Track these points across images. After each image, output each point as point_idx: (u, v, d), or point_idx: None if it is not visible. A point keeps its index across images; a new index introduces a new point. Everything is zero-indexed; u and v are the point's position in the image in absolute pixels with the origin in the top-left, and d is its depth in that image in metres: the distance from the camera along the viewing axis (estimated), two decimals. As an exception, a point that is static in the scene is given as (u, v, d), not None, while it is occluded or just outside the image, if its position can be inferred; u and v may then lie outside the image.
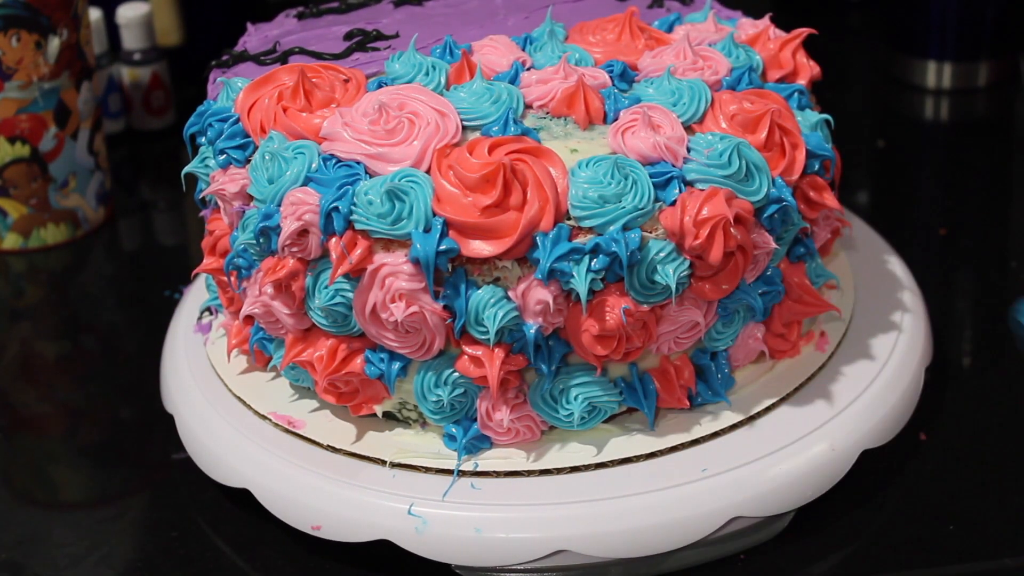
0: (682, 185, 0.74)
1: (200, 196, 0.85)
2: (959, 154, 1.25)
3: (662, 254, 0.74)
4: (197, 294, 0.95)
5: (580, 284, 0.72)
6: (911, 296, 0.91)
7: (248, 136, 0.81)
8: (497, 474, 0.77)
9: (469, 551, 0.75)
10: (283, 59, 0.87)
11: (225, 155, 0.81)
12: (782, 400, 0.81)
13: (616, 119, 0.78)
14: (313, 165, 0.76)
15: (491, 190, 0.72)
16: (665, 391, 0.78)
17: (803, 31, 0.87)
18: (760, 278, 0.79)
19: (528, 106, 0.80)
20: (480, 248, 0.73)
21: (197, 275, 0.93)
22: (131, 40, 1.27)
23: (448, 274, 0.74)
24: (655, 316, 0.76)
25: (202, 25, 1.36)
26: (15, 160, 1.10)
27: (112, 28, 1.27)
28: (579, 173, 0.74)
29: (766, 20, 0.89)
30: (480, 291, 0.74)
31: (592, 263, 0.73)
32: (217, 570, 0.80)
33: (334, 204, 0.74)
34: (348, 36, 0.89)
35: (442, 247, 0.72)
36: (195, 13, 1.36)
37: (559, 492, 0.76)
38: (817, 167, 0.80)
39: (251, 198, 0.79)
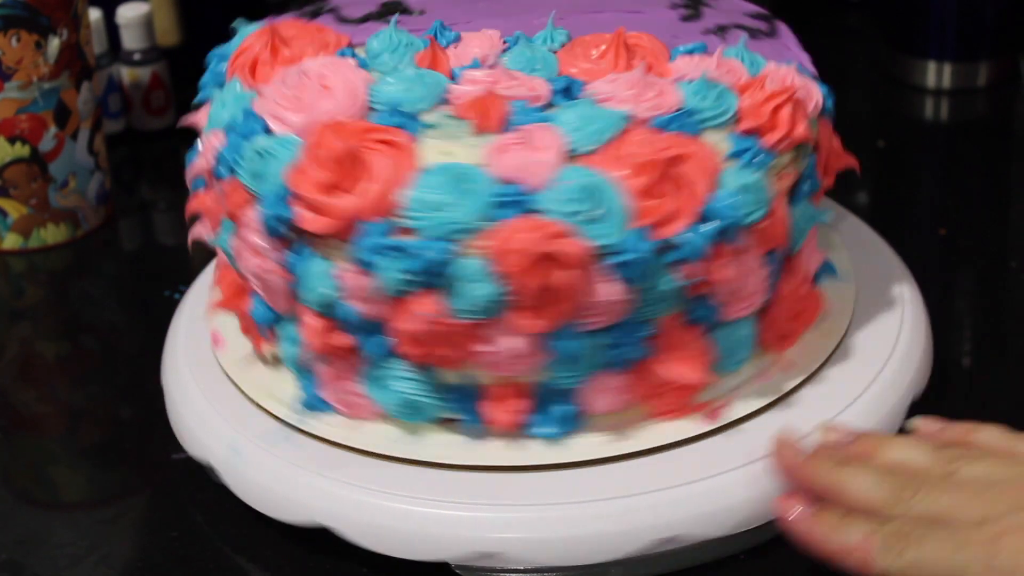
0: (525, 210, 0.73)
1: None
2: (959, 154, 1.25)
3: (477, 273, 0.73)
4: (197, 294, 0.95)
5: (390, 281, 0.73)
6: (911, 296, 0.91)
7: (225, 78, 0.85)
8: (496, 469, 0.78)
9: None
10: (314, 14, 0.90)
11: (203, 92, 0.87)
12: (781, 399, 0.81)
13: (510, 132, 0.77)
14: (238, 114, 0.81)
15: (337, 170, 0.74)
16: (494, 410, 0.78)
17: (787, 91, 0.80)
18: (621, 327, 0.76)
19: (448, 102, 0.80)
20: (313, 222, 0.75)
21: (196, 277, 0.93)
22: (131, 40, 1.27)
23: (292, 240, 0.76)
24: (471, 334, 0.75)
25: (202, 25, 1.36)
26: (15, 160, 1.10)
27: (112, 28, 1.27)
28: (426, 175, 0.74)
29: (791, 68, 0.83)
30: (313, 262, 0.76)
31: (407, 264, 0.73)
32: (217, 570, 0.80)
33: (224, 151, 0.79)
34: (381, 6, 0.90)
35: (282, 213, 0.75)
36: (195, 13, 1.36)
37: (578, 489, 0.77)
38: (728, 226, 0.76)
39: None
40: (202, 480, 0.83)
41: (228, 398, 0.85)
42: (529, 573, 0.75)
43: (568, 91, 0.80)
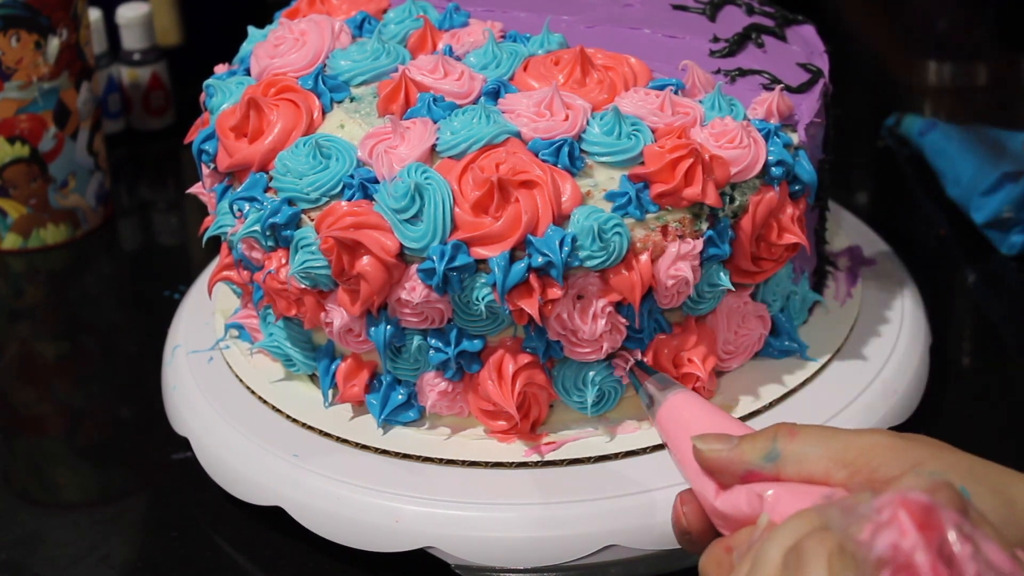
0: (358, 194, 0.75)
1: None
2: (959, 154, 1.25)
3: (308, 242, 0.76)
4: (197, 294, 0.95)
5: (246, 230, 0.77)
6: (911, 296, 0.91)
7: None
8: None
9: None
10: None
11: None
12: (783, 398, 0.81)
13: (400, 121, 0.78)
14: (247, 51, 0.87)
15: (241, 119, 0.79)
16: (342, 377, 0.81)
17: (687, 146, 0.74)
18: (442, 332, 0.77)
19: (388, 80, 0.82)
20: (220, 160, 0.81)
21: (197, 277, 0.93)
22: (131, 40, 1.27)
23: (219, 176, 0.83)
24: (311, 300, 0.78)
25: (202, 25, 1.36)
26: (15, 160, 1.10)
27: (112, 28, 1.27)
28: (299, 143, 0.78)
29: (744, 125, 0.78)
30: (223, 200, 0.81)
31: (257, 218, 0.77)
32: (217, 570, 0.80)
33: (214, 77, 0.86)
34: None
35: (205, 147, 0.82)
36: (195, 13, 1.36)
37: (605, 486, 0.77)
38: (547, 264, 0.73)
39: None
40: (202, 480, 0.83)
41: (229, 396, 0.85)
42: (529, 573, 0.75)
43: (496, 93, 0.80)
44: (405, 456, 0.78)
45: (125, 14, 1.26)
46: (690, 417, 0.63)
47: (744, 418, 0.79)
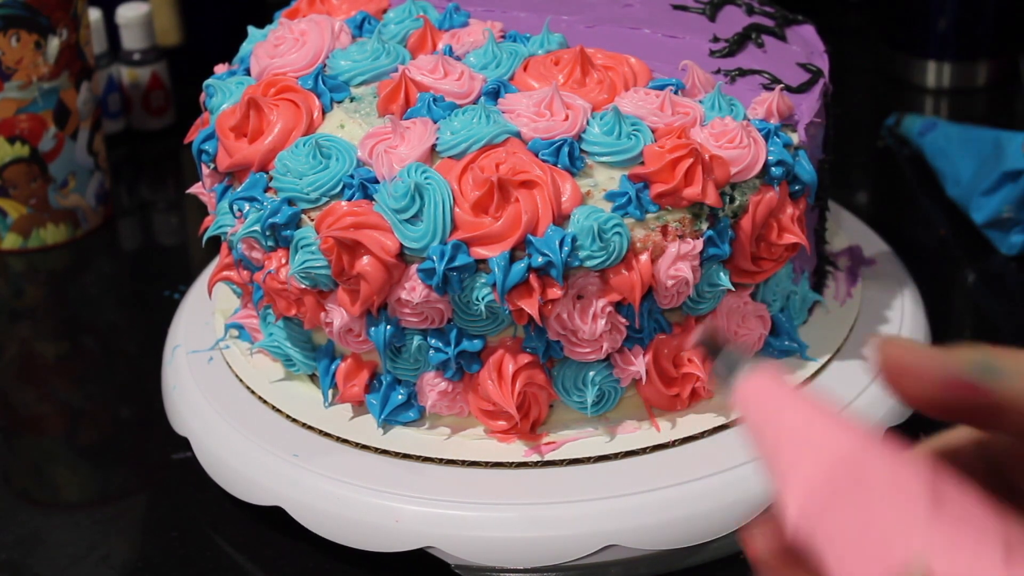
0: (358, 194, 0.75)
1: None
2: (959, 154, 1.25)
3: (308, 242, 0.76)
4: (197, 294, 0.95)
5: (245, 230, 0.77)
6: (911, 296, 0.91)
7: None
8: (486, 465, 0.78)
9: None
10: None
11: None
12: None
13: (400, 121, 0.77)
14: (247, 50, 0.88)
15: (241, 119, 0.80)
16: (342, 378, 0.81)
17: (687, 146, 0.74)
18: (442, 332, 0.77)
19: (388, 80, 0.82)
20: (220, 159, 0.81)
21: (196, 277, 0.93)
22: (131, 40, 1.27)
23: (219, 176, 0.83)
24: (311, 300, 0.78)
25: (202, 25, 1.36)
26: (15, 160, 1.10)
27: (112, 28, 1.27)
28: (299, 143, 0.78)
29: (744, 125, 0.78)
30: (223, 200, 0.81)
31: (257, 218, 0.77)
32: (217, 570, 0.80)
33: (214, 77, 0.86)
34: None
35: (205, 147, 0.83)
36: (195, 13, 1.36)
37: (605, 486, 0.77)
38: (547, 264, 0.73)
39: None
40: (202, 480, 0.83)
41: (229, 396, 0.85)
42: (529, 573, 0.75)
43: (496, 93, 0.80)
44: (405, 456, 0.78)
45: (125, 14, 1.26)
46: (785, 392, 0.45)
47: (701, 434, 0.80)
